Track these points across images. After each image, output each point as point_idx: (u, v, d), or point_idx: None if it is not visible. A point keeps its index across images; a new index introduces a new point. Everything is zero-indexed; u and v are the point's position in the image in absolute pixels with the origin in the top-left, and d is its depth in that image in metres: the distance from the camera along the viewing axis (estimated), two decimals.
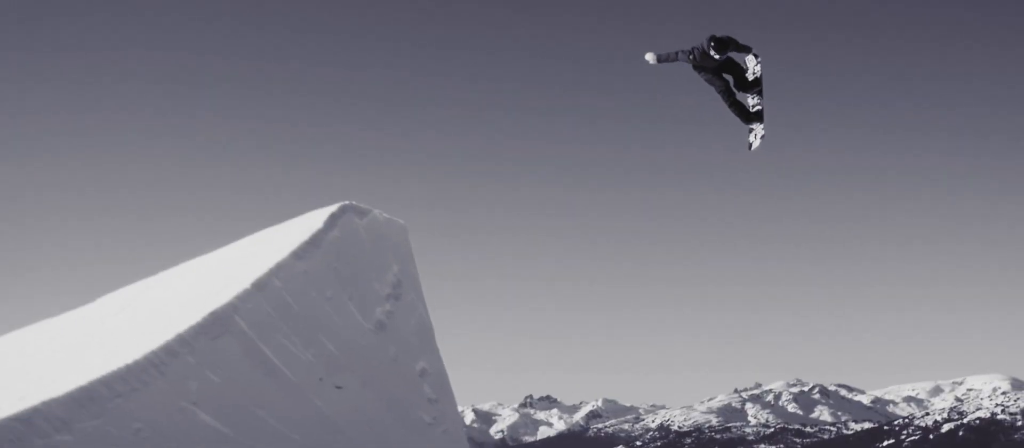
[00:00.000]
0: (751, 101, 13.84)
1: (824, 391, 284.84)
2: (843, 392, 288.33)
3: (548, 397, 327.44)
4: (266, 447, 13.12)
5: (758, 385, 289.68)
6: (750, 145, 14.06)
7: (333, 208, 15.86)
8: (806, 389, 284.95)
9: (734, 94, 13.68)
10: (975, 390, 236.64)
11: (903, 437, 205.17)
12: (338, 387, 14.29)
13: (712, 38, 12.82)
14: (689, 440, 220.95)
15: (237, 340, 13.31)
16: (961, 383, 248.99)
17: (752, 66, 13.59)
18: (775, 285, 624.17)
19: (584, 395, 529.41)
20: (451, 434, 15.50)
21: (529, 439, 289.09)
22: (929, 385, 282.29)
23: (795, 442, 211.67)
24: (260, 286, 13.95)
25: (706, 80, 13.49)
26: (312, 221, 15.86)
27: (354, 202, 16.40)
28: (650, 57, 13.28)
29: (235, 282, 14.18)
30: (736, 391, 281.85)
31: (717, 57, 12.94)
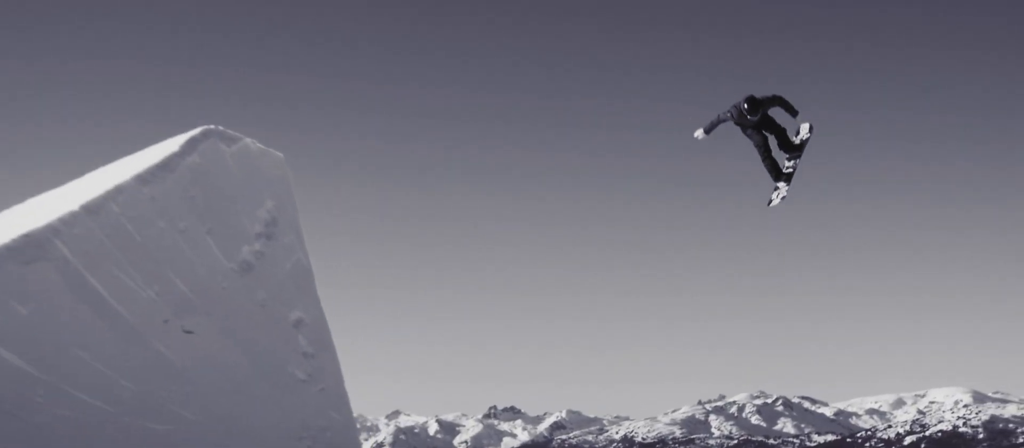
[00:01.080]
0: (787, 163, 14.15)
1: (787, 403, 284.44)
2: (806, 404, 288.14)
3: (512, 408, 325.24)
4: (87, 393, 10.90)
5: (722, 397, 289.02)
6: (770, 201, 14.35)
7: (194, 132, 13.67)
8: (770, 401, 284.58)
9: (771, 151, 14.02)
10: (937, 403, 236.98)
11: None
12: (187, 331, 12.07)
13: (748, 98, 13.14)
14: None
15: (56, 268, 11.07)
16: (923, 396, 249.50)
17: (803, 133, 13.97)
18: (739, 297, 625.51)
19: (548, 406, 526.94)
20: (330, 394, 13.31)
21: None
22: (892, 397, 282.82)
23: None
24: (92, 210, 11.72)
25: (746, 135, 13.84)
26: (168, 146, 13.66)
27: (221, 127, 14.20)
28: (699, 134, 13.69)
29: (63, 205, 11.98)
30: (700, 403, 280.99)
31: (751, 117, 13.24)
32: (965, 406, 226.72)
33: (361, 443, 13.72)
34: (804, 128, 14.02)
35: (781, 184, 14.18)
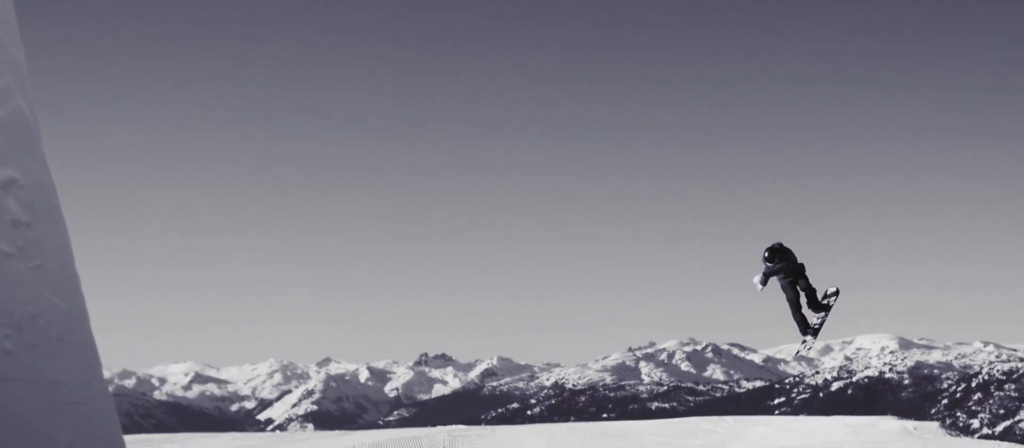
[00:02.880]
0: (815, 319, 15.53)
1: (717, 350, 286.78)
2: (735, 351, 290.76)
3: (443, 355, 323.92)
4: None
5: (652, 344, 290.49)
6: (798, 352, 17.03)
7: None
8: (699, 348, 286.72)
9: (800, 308, 15.43)
10: (864, 349, 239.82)
11: (794, 395, 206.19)
12: None
13: (767, 248, 14.97)
14: (583, 398, 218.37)
15: None
16: (850, 342, 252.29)
17: (830, 298, 15.47)
18: (669, 245, 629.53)
19: (479, 353, 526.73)
20: (49, 272, 9.94)
21: (424, 397, 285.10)
22: (819, 344, 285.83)
23: (688, 400, 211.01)
24: None
25: (781, 287, 15.37)
26: None
27: None
28: (756, 282, 15.21)
29: None
30: (630, 350, 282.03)
31: (771, 265, 14.92)
32: (891, 352, 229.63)
33: (93, 336, 10.29)
34: (831, 289, 15.62)
35: (809, 337, 15.56)
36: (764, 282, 15.20)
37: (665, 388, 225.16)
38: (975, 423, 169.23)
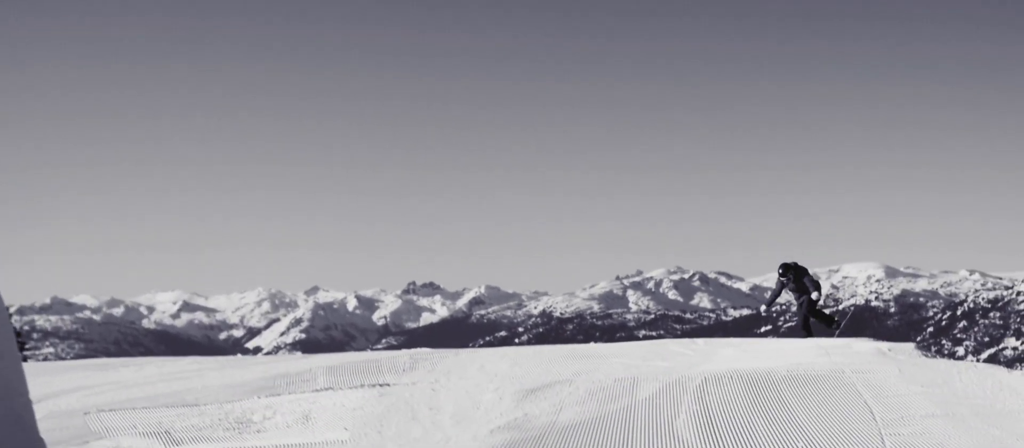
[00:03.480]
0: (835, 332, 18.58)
1: (704, 278, 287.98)
2: (723, 279, 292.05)
3: (431, 284, 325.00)
4: None
5: (639, 272, 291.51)
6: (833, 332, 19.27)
7: None
8: (686, 276, 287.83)
9: (812, 317, 18.42)
10: (850, 277, 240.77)
11: (780, 323, 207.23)
12: None
13: (782, 266, 18.43)
14: (571, 326, 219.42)
15: None
16: (837, 271, 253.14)
17: (819, 300, 18.63)
18: (657, 173, 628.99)
19: (467, 282, 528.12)
20: None
21: (412, 325, 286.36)
22: None
23: (675, 328, 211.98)
24: None
25: (795, 299, 18.56)
26: None
27: None
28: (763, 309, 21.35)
29: None
30: (618, 278, 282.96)
31: (783, 280, 18.32)
32: (877, 281, 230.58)
33: None
34: (815, 295, 18.55)
35: (834, 328, 18.80)
36: (771, 302, 18.17)
37: (652, 316, 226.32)
38: (960, 351, 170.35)
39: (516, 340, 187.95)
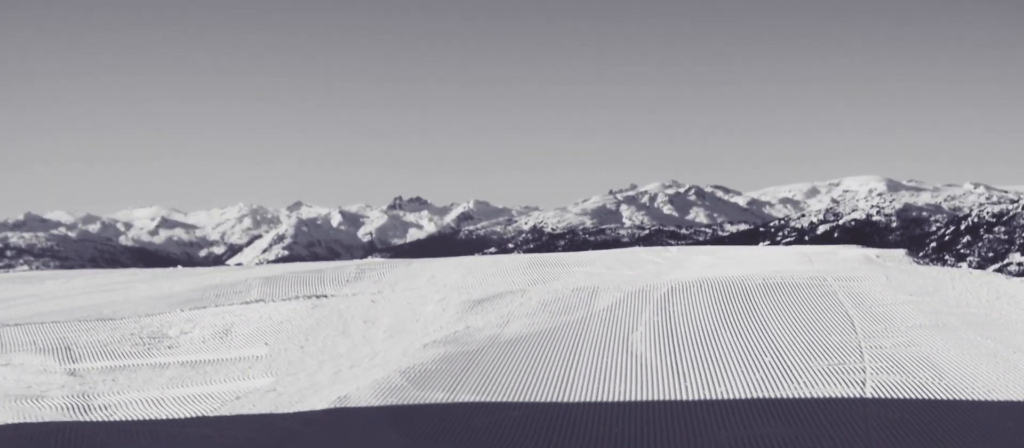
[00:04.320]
0: None
1: (700, 193, 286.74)
2: (719, 193, 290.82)
3: (418, 198, 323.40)
4: None
5: (633, 186, 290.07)
6: None
7: None
8: (682, 190, 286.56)
9: None
10: (851, 191, 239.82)
11: (778, 239, 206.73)
12: None
13: None
14: (562, 242, 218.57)
15: None
16: (837, 184, 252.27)
17: None
18: (652, 83, 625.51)
19: (455, 196, 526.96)
20: None
21: (398, 242, 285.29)
22: (805, 186, 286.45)
23: (669, 244, 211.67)
24: None
25: None
26: None
27: None
28: None
29: None
30: (611, 193, 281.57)
31: None
32: (879, 194, 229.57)
33: None
34: None
35: None
36: None
37: (647, 232, 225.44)
38: (963, 266, 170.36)
39: None
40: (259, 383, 12.23)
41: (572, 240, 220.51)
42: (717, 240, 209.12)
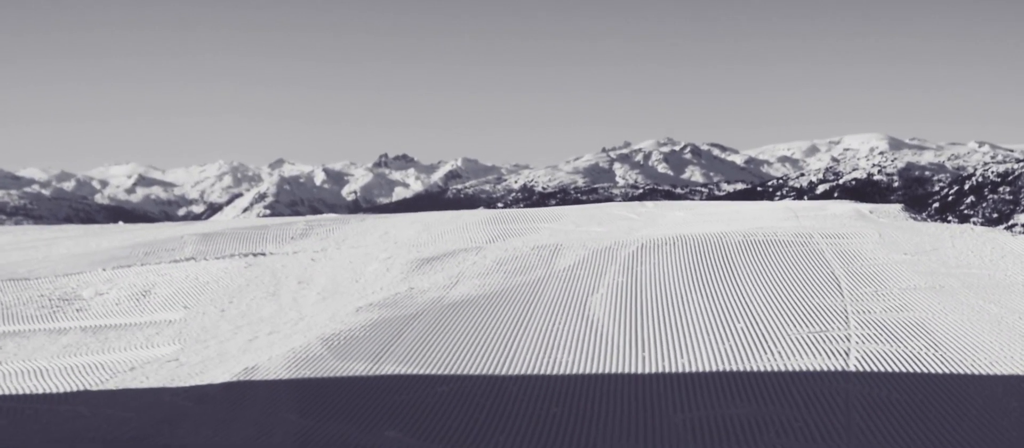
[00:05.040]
0: None
1: (696, 150, 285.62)
2: (716, 151, 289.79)
3: (404, 156, 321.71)
4: None
5: (627, 144, 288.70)
6: None
7: None
8: (677, 148, 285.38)
9: None
10: (852, 150, 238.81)
11: (776, 198, 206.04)
12: None
13: None
14: (554, 201, 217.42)
15: None
16: (838, 142, 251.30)
17: None
18: (647, 38, 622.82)
19: (442, 154, 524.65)
20: None
21: (384, 201, 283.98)
22: (805, 144, 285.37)
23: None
24: None
25: None
26: None
27: None
28: None
29: None
30: (604, 150, 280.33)
31: None
32: (881, 153, 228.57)
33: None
34: None
35: None
36: None
37: (641, 191, 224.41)
38: (966, 227, 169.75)
39: None
40: (162, 352, 11.07)
41: (563, 199, 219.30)
42: (713, 199, 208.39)
